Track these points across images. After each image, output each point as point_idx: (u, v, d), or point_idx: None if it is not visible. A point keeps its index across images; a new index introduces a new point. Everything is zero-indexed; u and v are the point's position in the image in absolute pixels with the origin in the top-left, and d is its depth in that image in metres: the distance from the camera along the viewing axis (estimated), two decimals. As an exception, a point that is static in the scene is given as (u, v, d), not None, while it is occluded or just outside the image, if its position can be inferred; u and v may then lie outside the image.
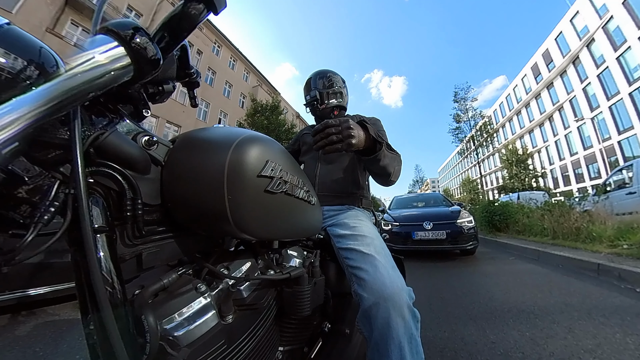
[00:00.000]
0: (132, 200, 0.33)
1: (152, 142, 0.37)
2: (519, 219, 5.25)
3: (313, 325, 0.66)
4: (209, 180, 0.36)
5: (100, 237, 0.29)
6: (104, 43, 0.26)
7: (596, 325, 1.45)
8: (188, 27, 0.32)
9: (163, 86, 0.44)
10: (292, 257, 0.61)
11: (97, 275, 0.26)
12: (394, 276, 0.62)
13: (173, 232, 0.40)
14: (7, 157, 0.21)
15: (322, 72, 1.04)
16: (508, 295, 2.03)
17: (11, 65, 0.23)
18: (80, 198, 0.25)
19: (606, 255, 2.76)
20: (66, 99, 0.22)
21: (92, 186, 0.31)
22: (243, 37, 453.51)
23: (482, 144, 16.22)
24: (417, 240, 3.68)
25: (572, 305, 1.76)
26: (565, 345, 1.26)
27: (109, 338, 0.25)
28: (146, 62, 0.28)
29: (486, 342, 1.34)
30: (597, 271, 2.45)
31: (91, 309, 0.28)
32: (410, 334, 0.57)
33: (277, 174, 0.41)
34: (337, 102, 1.01)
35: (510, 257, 3.69)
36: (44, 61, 0.25)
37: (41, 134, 0.25)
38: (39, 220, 0.24)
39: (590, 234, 3.48)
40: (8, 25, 0.24)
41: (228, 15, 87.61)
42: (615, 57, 18.02)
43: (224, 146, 0.37)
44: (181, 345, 0.34)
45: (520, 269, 2.96)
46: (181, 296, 0.37)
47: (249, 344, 0.41)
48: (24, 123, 0.20)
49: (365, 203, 0.94)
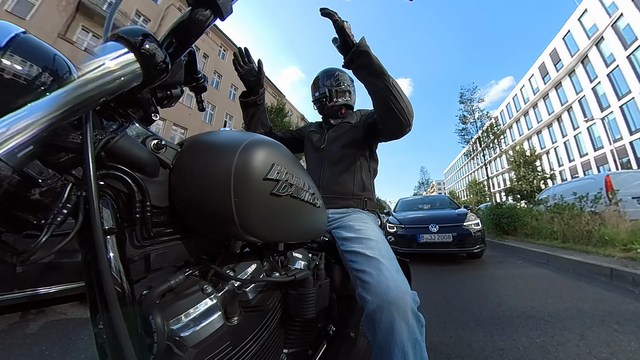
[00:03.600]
0: (141, 202, 0.34)
1: (161, 146, 0.37)
2: (527, 222, 5.15)
3: (318, 328, 0.66)
4: (216, 183, 0.36)
5: (111, 239, 0.30)
6: (114, 50, 0.27)
7: (610, 332, 1.40)
8: (195, 32, 0.32)
9: (171, 91, 0.45)
10: (297, 260, 0.61)
11: (107, 275, 0.26)
12: (399, 280, 0.62)
13: (180, 234, 0.41)
14: (23, 160, 0.21)
15: (330, 70, 1.05)
16: (517, 300, 1.99)
17: (27, 72, 0.23)
18: (92, 200, 0.26)
19: (619, 259, 2.68)
20: (78, 103, 0.23)
21: (102, 189, 0.31)
22: (250, 41, 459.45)
23: (489, 146, 15.99)
24: (423, 243, 3.64)
25: (584, 311, 1.71)
26: (578, 353, 1.22)
27: (117, 338, 0.26)
28: (155, 68, 0.28)
29: (494, 348, 1.30)
30: (610, 276, 2.38)
31: (101, 308, 0.28)
32: (414, 339, 0.56)
33: (283, 177, 0.41)
34: (345, 100, 1.02)
35: (519, 260, 3.61)
36: (58, 68, 0.26)
37: (54, 138, 0.26)
38: (52, 221, 0.25)
39: (602, 237, 3.39)
40: (24, 34, 0.25)
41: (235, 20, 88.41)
42: (625, 56, 17.59)
43: (230, 150, 0.38)
44: (187, 346, 0.35)
45: (529, 273, 2.89)
46: (188, 297, 0.38)
47: (254, 345, 0.41)
48: (39, 127, 0.21)
49: (370, 205, 0.93)
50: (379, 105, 0.75)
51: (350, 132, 0.95)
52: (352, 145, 0.94)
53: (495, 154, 23.44)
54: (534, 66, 27.49)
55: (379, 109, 0.76)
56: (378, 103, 0.74)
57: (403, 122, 0.73)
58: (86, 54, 0.37)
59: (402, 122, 0.73)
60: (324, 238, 0.80)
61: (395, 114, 0.72)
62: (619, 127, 18.68)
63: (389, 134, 0.82)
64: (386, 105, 0.71)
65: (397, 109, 0.71)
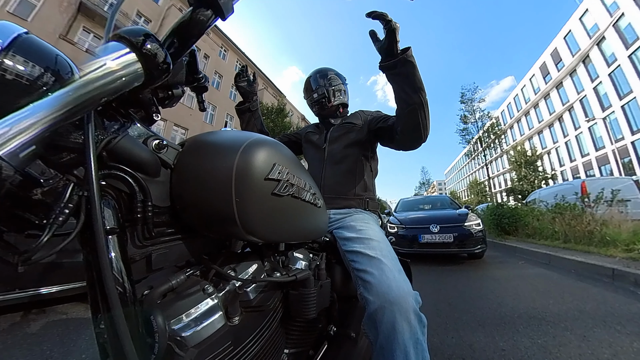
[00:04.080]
0: (143, 202, 0.34)
1: (162, 146, 0.38)
2: (528, 222, 5.12)
3: (319, 329, 0.66)
4: (217, 183, 0.36)
5: (112, 238, 0.30)
6: (116, 50, 0.27)
7: (612, 333, 1.39)
8: (196, 33, 0.32)
9: (172, 91, 0.45)
10: (298, 260, 0.61)
11: (108, 275, 0.26)
12: (400, 280, 0.62)
13: (181, 234, 0.41)
14: (25, 160, 0.22)
15: (323, 70, 1.03)
16: (518, 301, 1.98)
17: (29, 72, 0.23)
18: (93, 200, 0.26)
19: (621, 259, 2.67)
20: (80, 104, 0.23)
21: (104, 189, 0.31)
22: (250, 42, 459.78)
23: (490, 146, 15.95)
24: (424, 244, 3.63)
25: (586, 312, 1.70)
26: (580, 354, 1.21)
27: (119, 337, 0.26)
28: (156, 68, 0.28)
29: (495, 349, 1.30)
30: (612, 276, 2.36)
31: (102, 308, 0.28)
32: (416, 339, 0.56)
33: (284, 177, 0.41)
34: (341, 100, 1.01)
35: (520, 261, 3.60)
36: (60, 68, 0.26)
37: (56, 138, 0.26)
38: (54, 221, 0.25)
39: (604, 238, 3.37)
40: (26, 34, 0.25)
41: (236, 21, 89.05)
42: (627, 55, 17.52)
43: (231, 150, 0.38)
44: (189, 346, 0.35)
45: (531, 273, 2.88)
46: (189, 297, 0.38)
47: (255, 345, 0.41)
48: (41, 127, 0.21)
49: (371, 205, 0.93)
50: (407, 118, 0.73)
51: (353, 133, 0.95)
52: (354, 145, 0.94)
53: (496, 154, 23.40)
54: (535, 66, 27.41)
55: (404, 120, 0.74)
56: (407, 116, 0.72)
57: (422, 137, 0.75)
58: (87, 54, 0.37)
59: (422, 137, 0.74)
60: (325, 238, 0.80)
61: (419, 129, 0.72)
62: (621, 127, 18.60)
63: (405, 145, 0.82)
64: (414, 119, 0.71)
65: (422, 125, 0.72)
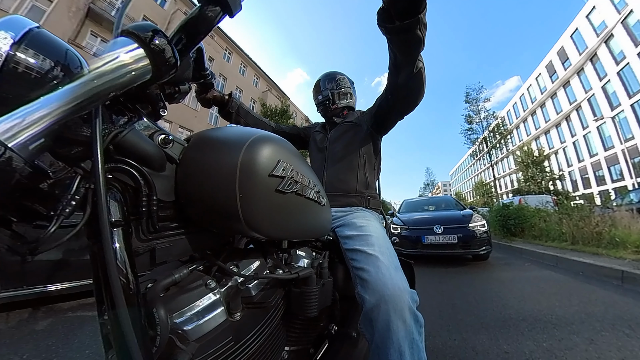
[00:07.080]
0: (148, 196, 0.34)
1: (168, 141, 0.38)
2: (535, 223, 5.04)
3: (320, 327, 0.66)
4: (222, 179, 0.37)
5: (117, 231, 0.30)
6: (124, 45, 0.27)
7: (620, 337, 1.36)
8: (204, 29, 0.33)
9: (179, 87, 0.46)
10: (301, 258, 0.61)
11: (112, 267, 0.27)
12: (396, 277, 0.61)
13: (185, 228, 0.41)
14: (34, 152, 0.22)
15: (331, 74, 1.08)
16: (523, 303, 1.95)
17: (40, 65, 0.24)
18: (99, 193, 0.26)
19: (631, 262, 2.61)
20: (89, 97, 0.24)
21: (110, 182, 0.32)
22: (255, 45, 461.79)
23: (496, 146, 15.74)
24: (428, 245, 3.59)
25: (593, 315, 1.66)
26: (587, 358, 1.19)
27: (121, 329, 0.26)
28: (164, 63, 0.29)
29: (499, 352, 1.28)
30: (622, 279, 2.31)
31: (106, 299, 0.29)
32: (411, 339, 0.54)
33: (288, 174, 0.42)
34: (347, 102, 1.05)
35: (526, 263, 3.54)
36: (70, 62, 0.26)
37: (65, 131, 0.27)
38: (61, 213, 0.26)
39: (612, 239, 3.30)
40: (38, 28, 0.26)
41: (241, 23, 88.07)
42: (636, 53, 17.15)
43: (236, 146, 0.38)
44: (190, 340, 0.35)
45: (537, 275, 2.83)
46: (191, 291, 0.38)
47: (255, 342, 0.41)
48: (50, 120, 0.21)
49: (373, 203, 0.93)
50: (406, 57, 0.64)
51: (351, 130, 0.96)
52: (354, 143, 0.94)
53: (502, 154, 23.09)
54: (541, 65, 27.02)
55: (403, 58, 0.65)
56: (406, 57, 0.64)
57: (422, 93, 0.72)
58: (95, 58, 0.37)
59: (422, 92, 0.72)
60: (328, 237, 0.80)
61: (422, 86, 0.70)
62: (630, 126, 18.19)
63: (406, 99, 0.76)
64: (419, 80, 0.68)
65: (424, 81, 0.69)
